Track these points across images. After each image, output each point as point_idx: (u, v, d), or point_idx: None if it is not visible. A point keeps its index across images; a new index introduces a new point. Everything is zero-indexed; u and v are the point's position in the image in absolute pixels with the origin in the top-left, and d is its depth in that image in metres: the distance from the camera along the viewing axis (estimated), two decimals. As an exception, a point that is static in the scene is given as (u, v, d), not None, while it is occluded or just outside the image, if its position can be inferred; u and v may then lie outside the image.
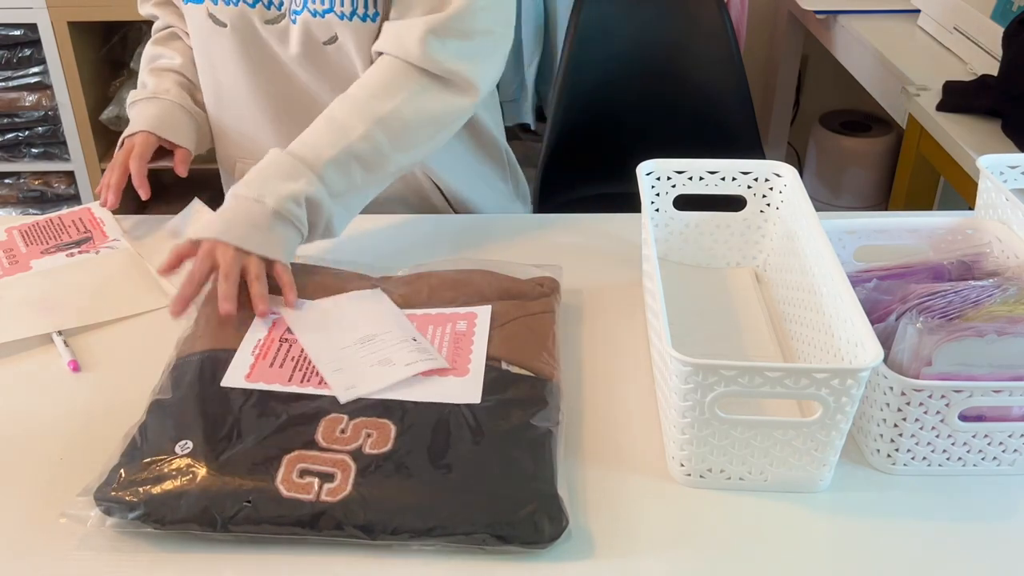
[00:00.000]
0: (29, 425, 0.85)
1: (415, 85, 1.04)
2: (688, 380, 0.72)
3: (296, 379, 0.84)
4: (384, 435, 0.78)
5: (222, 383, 0.83)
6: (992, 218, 0.97)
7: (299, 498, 0.72)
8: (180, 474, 0.74)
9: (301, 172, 0.97)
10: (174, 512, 0.72)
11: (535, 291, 0.96)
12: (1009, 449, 0.79)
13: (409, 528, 0.71)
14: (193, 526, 0.72)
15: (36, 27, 2.27)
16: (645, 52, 1.90)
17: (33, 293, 1.02)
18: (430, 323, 0.92)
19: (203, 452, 0.76)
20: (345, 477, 0.74)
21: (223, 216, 0.95)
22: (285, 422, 0.79)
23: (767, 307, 1.00)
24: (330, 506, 0.72)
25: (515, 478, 0.75)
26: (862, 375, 0.71)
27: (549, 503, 0.73)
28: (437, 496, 0.73)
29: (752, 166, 1.01)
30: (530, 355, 0.87)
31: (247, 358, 0.86)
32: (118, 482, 0.74)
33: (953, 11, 1.92)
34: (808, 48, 2.65)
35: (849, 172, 2.65)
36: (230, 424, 0.79)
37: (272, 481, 0.73)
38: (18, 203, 2.56)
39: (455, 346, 0.88)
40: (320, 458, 0.76)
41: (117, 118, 2.40)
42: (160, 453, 0.76)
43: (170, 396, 0.82)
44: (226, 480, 0.73)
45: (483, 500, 0.73)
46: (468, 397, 0.82)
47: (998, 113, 1.59)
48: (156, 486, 0.73)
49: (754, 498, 0.78)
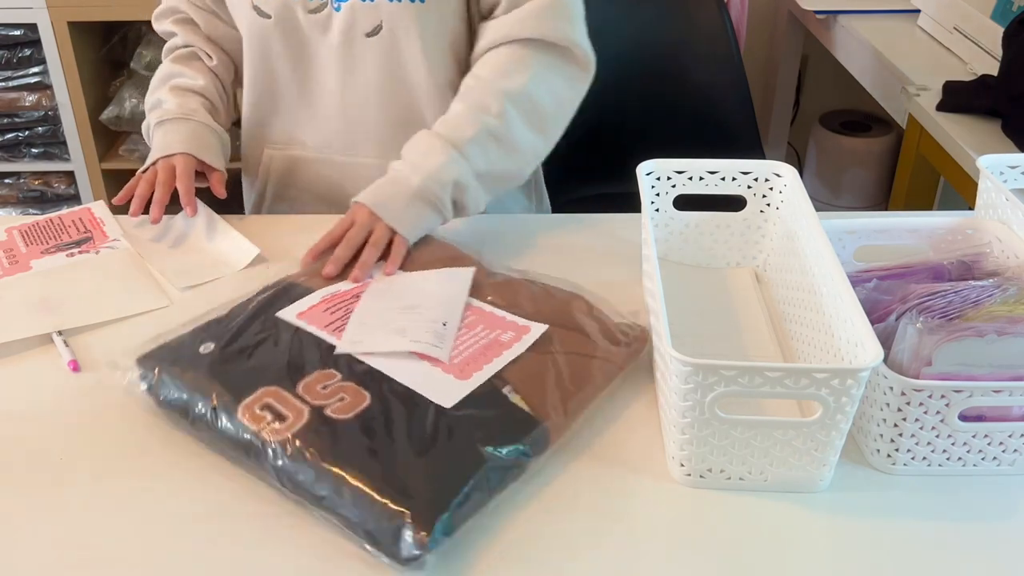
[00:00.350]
0: (29, 425, 0.85)
1: (539, 63, 1.09)
2: (688, 380, 0.72)
3: (331, 327, 0.89)
4: (354, 404, 0.80)
5: (276, 313, 0.91)
6: (992, 218, 0.97)
7: (245, 424, 0.79)
8: (185, 367, 0.84)
9: (446, 151, 1.03)
10: (168, 395, 0.83)
11: (613, 336, 0.89)
12: (1009, 449, 0.79)
13: (307, 491, 0.74)
14: (176, 414, 0.83)
15: (36, 27, 2.27)
16: (645, 52, 1.90)
17: (33, 293, 1.02)
18: (483, 321, 0.90)
19: (214, 357, 0.85)
20: (292, 424, 0.78)
21: (380, 187, 1.05)
22: (288, 360, 0.85)
23: (767, 307, 1.00)
24: (262, 441, 0.77)
25: (416, 488, 0.72)
26: (862, 375, 0.71)
27: (423, 519, 0.69)
28: (343, 476, 0.73)
29: (752, 166, 1.01)
30: (541, 392, 0.82)
31: (312, 300, 0.93)
32: (149, 355, 0.87)
33: (953, 11, 1.92)
34: (808, 48, 2.65)
35: (849, 172, 2.65)
36: (252, 345, 0.87)
37: (238, 402, 0.80)
38: (18, 203, 2.56)
39: (483, 350, 0.86)
40: (287, 401, 0.80)
41: (117, 118, 2.40)
42: (186, 346, 0.87)
43: (229, 311, 0.92)
44: (211, 386, 0.82)
45: (374, 497, 0.72)
46: (442, 399, 0.81)
47: (998, 113, 1.59)
48: (165, 370, 0.84)
49: (754, 498, 0.78)
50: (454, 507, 0.71)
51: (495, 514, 0.76)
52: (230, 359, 0.85)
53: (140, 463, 0.81)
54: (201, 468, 0.80)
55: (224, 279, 1.06)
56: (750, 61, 2.65)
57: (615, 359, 0.87)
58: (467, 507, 0.73)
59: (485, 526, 0.75)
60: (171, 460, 0.81)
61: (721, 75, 1.90)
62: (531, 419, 0.80)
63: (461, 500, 0.72)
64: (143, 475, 0.80)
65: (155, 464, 0.81)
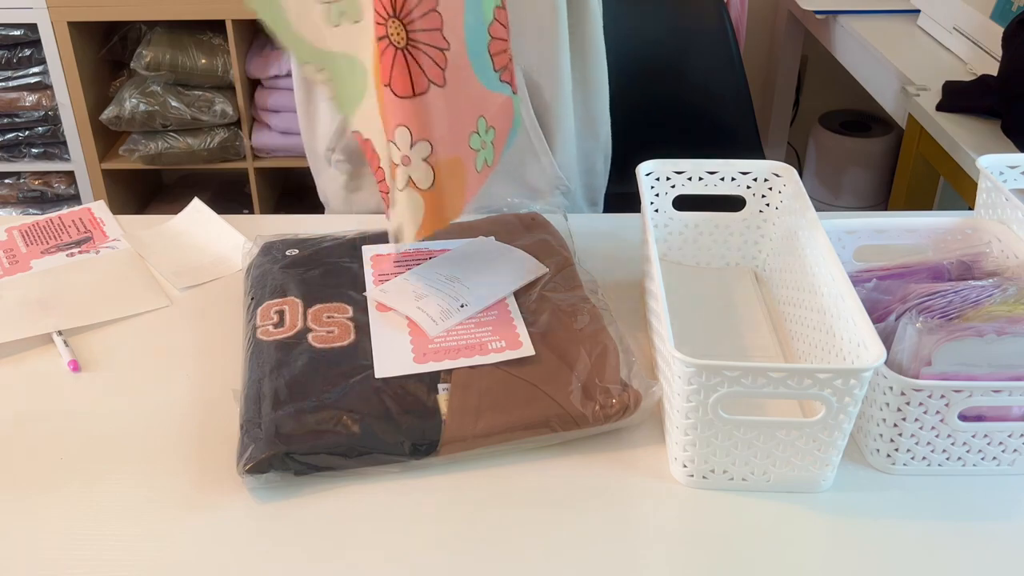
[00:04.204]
0: (29, 425, 0.85)
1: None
2: (691, 381, 0.73)
3: (382, 277, 0.97)
4: (330, 340, 0.88)
5: (363, 246, 1.02)
6: (992, 218, 0.97)
7: (257, 319, 0.92)
8: (271, 260, 1.00)
9: None
10: (252, 274, 1.00)
11: (591, 392, 0.82)
12: (1009, 449, 0.79)
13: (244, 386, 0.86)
14: (246, 297, 0.99)
15: (36, 27, 2.27)
16: (645, 51, 1.90)
17: (33, 293, 1.02)
18: (496, 321, 0.90)
19: (289, 260, 1.00)
20: (280, 334, 0.89)
21: None
22: (325, 283, 0.96)
23: (767, 307, 1.00)
24: (253, 335, 0.90)
25: (275, 422, 0.80)
26: (865, 375, 0.71)
27: (264, 446, 0.77)
28: (255, 383, 0.84)
29: (752, 166, 1.01)
30: (468, 402, 0.82)
31: (396, 248, 1.02)
32: (271, 242, 1.04)
33: (953, 11, 1.92)
34: (808, 48, 2.65)
35: (849, 172, 2.65)
36: (324, 263, 0.99)
37: (263, 300, 0.94)
38: (18, 203, 2.57)
39: (465, 347, 0.87)
40: (296, 314, 0.91)
41: (117, 118, 2.40)
42: (287, 243, 1.03)
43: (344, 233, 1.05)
44: (265, 280, 0.97)
45: (245, 409, 0.83)
46: (380, 368, 0.85)
47: (998, 113, 1.59)
48: (260, 255, 1.03)
49: (756, 499, 0.78)
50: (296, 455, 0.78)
51: (495, 514, 0.76)
52: (298, 264, 0.98)
53: (140, 464, 0.81)
54: (202, 469, 0.80)
55: (224, 279, 1.06)
56: (750, 61, 2.65)
57: (572, 412, 0.81)
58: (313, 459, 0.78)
59: (485, 526, 0.75)
60: (172, 460, 0.81)
61: (721, 75, 1.90)
62: (435, 422, 0.80)
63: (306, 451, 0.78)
64: (143, 476, 0.80)
65: (155, 464, 0.81)
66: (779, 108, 2.72)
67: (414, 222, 0.87)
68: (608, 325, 0.90)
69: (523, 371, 0.84)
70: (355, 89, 0.91)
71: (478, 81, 0.88)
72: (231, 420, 0.84)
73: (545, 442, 0.81)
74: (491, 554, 0.73)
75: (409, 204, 0.86)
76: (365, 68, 0.88)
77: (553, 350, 0.87)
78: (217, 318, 0.98)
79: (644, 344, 0.95)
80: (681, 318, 0.97)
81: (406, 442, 0.78)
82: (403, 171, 0.85)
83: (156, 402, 0.87)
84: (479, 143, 0.89)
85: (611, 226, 1.16)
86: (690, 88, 1.91)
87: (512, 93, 0.93)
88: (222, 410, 0.86)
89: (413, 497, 0.77)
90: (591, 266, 1.07)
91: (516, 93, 0.94)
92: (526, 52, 1.13)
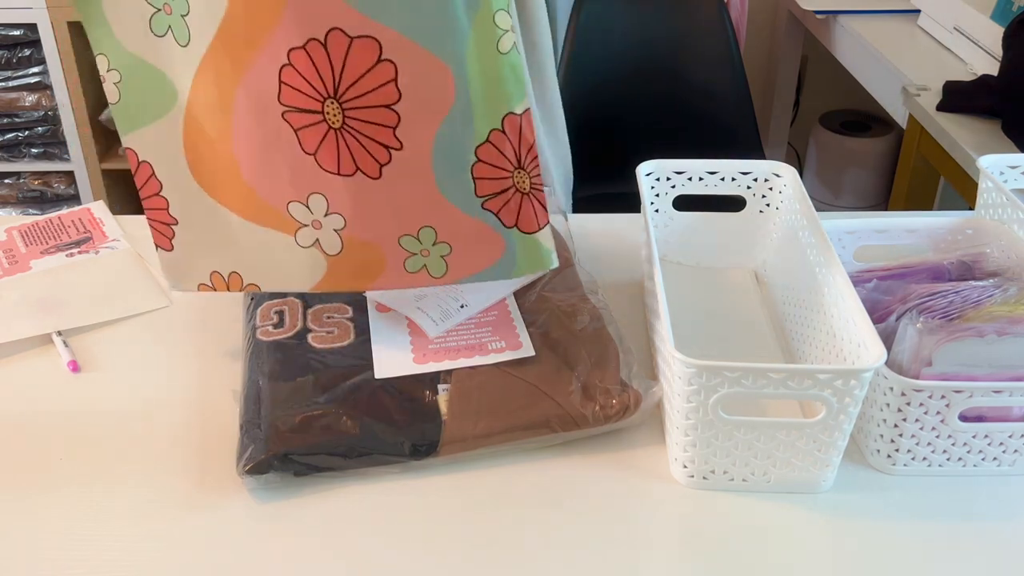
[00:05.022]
0: (29, 425, 0.85)
1: None
2: (692, 382, 0.72)
3: None
4: (329, 340, 0.89)
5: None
6: (992, 218, 0.97)
7: (258, 318, 0.92)
8: None
9: None
10: None
11: (591, 393, 0.82)
12: (1009, 449, 0.79)
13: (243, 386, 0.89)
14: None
15: (36, 27, 2.27)
16: (645, 52, 1.91)
17: (33, 293, 1.02)
18: (496, 322, 0.90)
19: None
20: (279, 335, 0.90)
21: None
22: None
23: (767, 307, 1.00)
24: (252, 335, 0.90)
25: (274, 421, 0.80)
26: (865, 375, 0.71)
27: (266, 446, 0.77)
28: (251, 382, 0.85)
29: (752, 166, 1.01)
30: (469, 404, 0.82)
31: None
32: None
33: (953, 11, 1.92)
34: (808, 48, 2.65)
35: (849, 172, 2.65)
36: None
37: (264, 300, 0.94)
38: (18, 203, 2.56)
39: (465, 348, 0.87)
40: (295, 314, 0.92)
41: (117, 118, 2.40)
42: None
43: None
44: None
45: (244, 410, 0.83)
46: (380, 369, 0.85)
47: (998, 113, 1.59)
48: None
49: (756, 499, 0.78)
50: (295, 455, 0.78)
51: (495, 514, 0.76)
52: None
53: (140, 464, 0.81)
54: (202, 469, 0.80)
55: (224, 279, 1.06)
56: (750, 61, 2.65)
57: (572, 412, 0.81)
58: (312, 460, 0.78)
59: (485, 526, 0.75)
60: (172, 460, 0.81)
61: (721, 75, 1.90)
62: (435, 423, 0.80)
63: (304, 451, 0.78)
64: (143, 476, 0.80)
65: (155, 464, 0.81)
66: (779, 108, 2.72)
67: (311, 279, 0.87)
68: (608, 325, 0.90)
69: (523, 371, 0.84)
70: (150, 107, 0.84)
71: (439, 193, 0.81)
72: (231, 420, 0.84)
73: (545, 442, 0.81)
74: (491, 554, 0.72)
75: (309, 263, 0.85)
76: (175, 90, 0.83)
77: (553, 350, 0.87)
78: (217, 318, 0.98)
79: (644, 344, 0.95)
80: (681, 318, 0.97)
81: (406, 442, 0.78)
82: (310, 232, 0.84)
83: (156, 402, 0.87)
84: (417, 247, 0.84)
85: (611, 226, 1.16)
86: (690, 88, 1.91)
87: (504, 228, 0.83)
88: (222, 410, 0.86)
89: (413, 497, 0.77)
90: (591, 266, 1.07)
91: (528, 233, 0.83)
92: None
